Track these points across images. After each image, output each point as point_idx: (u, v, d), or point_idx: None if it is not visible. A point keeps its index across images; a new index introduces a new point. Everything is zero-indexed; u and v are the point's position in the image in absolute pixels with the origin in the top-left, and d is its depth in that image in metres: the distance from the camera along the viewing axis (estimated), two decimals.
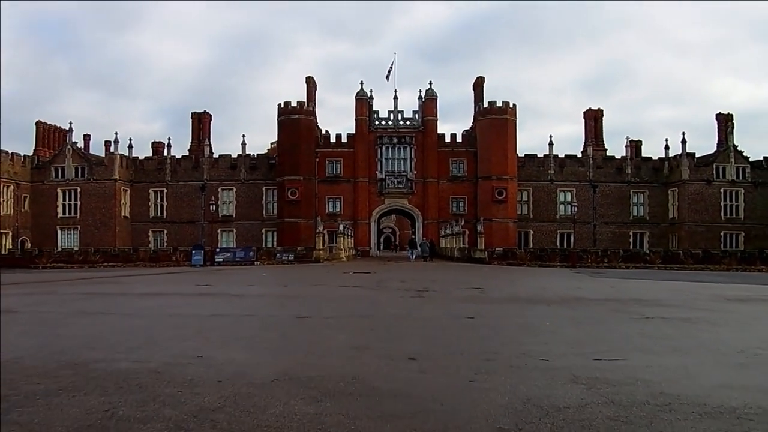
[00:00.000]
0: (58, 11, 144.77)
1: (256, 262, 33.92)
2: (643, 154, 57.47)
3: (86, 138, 62.48)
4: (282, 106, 53.20)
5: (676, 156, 53.84)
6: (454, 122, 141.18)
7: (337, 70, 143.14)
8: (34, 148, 57.59)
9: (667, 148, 55.31)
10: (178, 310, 11.70)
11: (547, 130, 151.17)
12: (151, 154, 60.03)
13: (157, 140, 62.74)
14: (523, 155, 54.54)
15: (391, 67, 55.33)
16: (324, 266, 32.32)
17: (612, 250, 39.54)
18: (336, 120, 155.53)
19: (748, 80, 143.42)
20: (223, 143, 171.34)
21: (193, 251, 32.89)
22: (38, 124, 58.68)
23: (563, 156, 55.36)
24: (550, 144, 55.02)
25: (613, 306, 12.63)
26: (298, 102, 52.89)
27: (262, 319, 10.29)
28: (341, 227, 39.39)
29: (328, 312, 11.35)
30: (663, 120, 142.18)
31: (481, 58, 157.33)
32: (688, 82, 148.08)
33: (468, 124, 57.00)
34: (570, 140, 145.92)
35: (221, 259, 33.74)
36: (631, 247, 52.12)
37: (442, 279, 21.64)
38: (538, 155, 55.29)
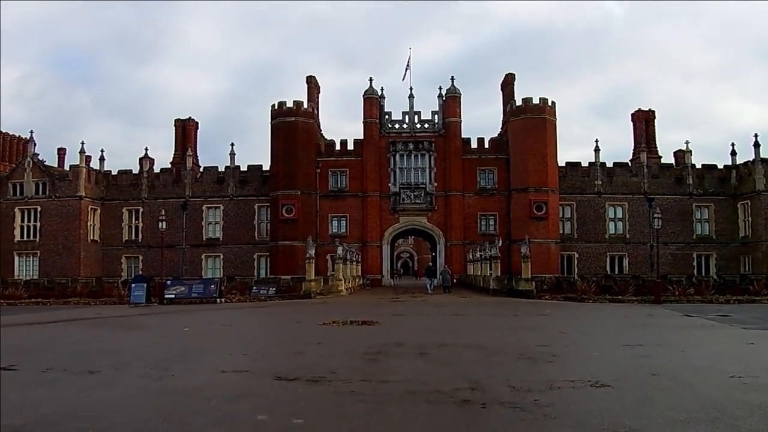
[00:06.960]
0: (81, 45, 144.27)
1: (219, 300, 24.85)
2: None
3: (60, 152, 54.57)
4: (276, 107, 44.62)
5: (746, 163, 44.55)
6: None
7: (350, 99, 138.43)
8: None
9: (734, 153, 46.11)
10: None
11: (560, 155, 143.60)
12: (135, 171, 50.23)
13: (145, 156, 52.77)
14: (563, 164, 45.32)
15: (407, 65, 46.92)
16: (311, 305, 23.17)
17: (699, 278, 30.04)
18: None
19: (754, 102, 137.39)
20: None
21: (133, 285, 23.77)
22: None
23: (612, 165, 45.96)
24: (596, 150, 45.79)
25: None
26: (294, 102, 44.21)
27: None
28: (340, 250, 30.21)
29: None
30: (674, 143, 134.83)
31: (491, 86, 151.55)
32: (696, 106, 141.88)
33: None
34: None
35: (173, 295, 24.64)
36: (695, 272, 43.36)
37: (495, 344, 12.05)
38: (582, 164, 46.02)
